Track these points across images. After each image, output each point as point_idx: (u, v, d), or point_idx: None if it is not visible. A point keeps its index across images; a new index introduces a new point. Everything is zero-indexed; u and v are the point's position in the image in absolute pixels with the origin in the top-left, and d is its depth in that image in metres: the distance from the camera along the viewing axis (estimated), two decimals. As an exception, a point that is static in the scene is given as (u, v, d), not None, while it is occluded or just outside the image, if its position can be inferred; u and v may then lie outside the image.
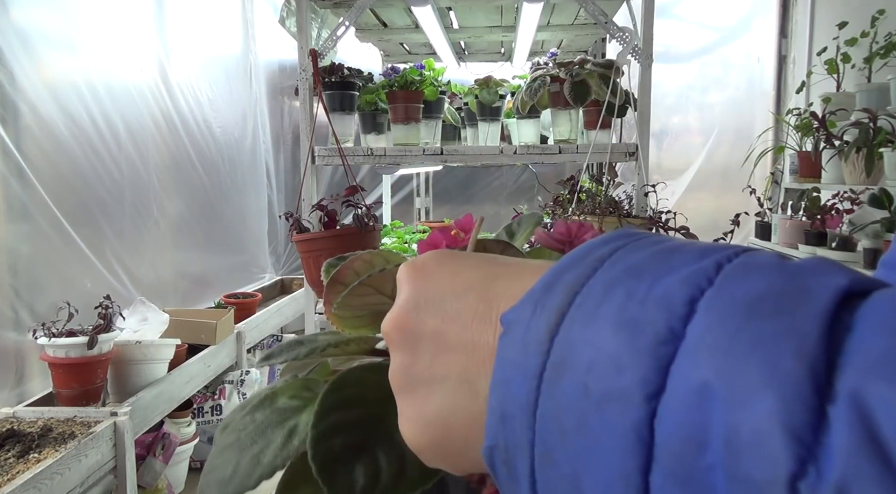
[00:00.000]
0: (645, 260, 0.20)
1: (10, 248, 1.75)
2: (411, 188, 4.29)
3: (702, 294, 0.18)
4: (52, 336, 1.63)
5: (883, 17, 2.41)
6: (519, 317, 0.22)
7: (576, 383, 0.19)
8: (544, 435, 0.19)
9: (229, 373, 2.47)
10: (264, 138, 3.53)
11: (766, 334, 0.16)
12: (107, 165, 2.13)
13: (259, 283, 3.41)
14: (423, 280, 0.27)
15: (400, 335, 0.26)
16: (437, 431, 0.25)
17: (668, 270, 0.19)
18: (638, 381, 0.17)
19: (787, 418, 0.15)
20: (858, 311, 0.16)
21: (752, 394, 0.15)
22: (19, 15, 1.80)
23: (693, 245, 0.21)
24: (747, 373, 0.16)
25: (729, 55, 3.74)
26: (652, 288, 0.19)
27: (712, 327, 0.17)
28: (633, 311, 0.18)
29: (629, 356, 0.18)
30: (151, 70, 2.43)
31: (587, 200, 1.83)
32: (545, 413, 0.19)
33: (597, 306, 0.19)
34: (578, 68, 1.80)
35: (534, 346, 0.20)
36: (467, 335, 0.24)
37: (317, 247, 1.58)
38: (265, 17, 3.45)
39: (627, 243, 0.22)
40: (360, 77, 1.94)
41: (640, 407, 0.17)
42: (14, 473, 1.34)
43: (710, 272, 0.18)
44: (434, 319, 0.25)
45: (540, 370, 0.20)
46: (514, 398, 0.20)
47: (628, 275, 0.20)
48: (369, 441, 0.30)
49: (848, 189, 2.38)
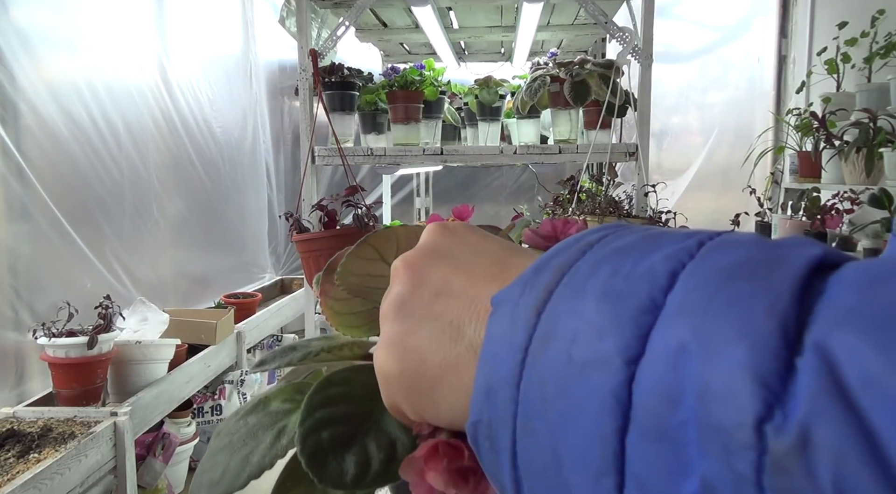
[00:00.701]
0: (633, 242, 0.21)
1: (10, 248, 1.75)
2: (411, 188, 4.29)
3: (683, 267, 0.19)
4: (52, 336, 1.63)
5: (883, 17, 2.41)
6: (508, 296, 0.22)
7: (559, 352, 0.19)
8: (526, 405, 0.20)
9: (229, 373, 2.47)
10: (264, 138, 3.53)
11: (742, 294, 0.17)
12: (107, 165, 2.13)
13: (259, 283, 3.41)
14: (447, 236, 0.28)
15: (408, 270, 0.27)
16: (412, 361, 0.25)
17: (654, 249, 0.20)
18: (619, 347, 0.18)
19: (756, 367, 0.15)
20: (830, 277, 0.17)
21: (724, 347, 0.16)
22: (19, 15, 1.80)
23: (681, 230, 0.21)
24: (721, 329, 0.16)
25: (729, 55, 3.74)
26: (637, 264, 0.19)
27: (691, 292, 0.18)
28: (617, 284, 0.19)
29: (611, 324, 0.18)
30: (151, 70, 2.43)
31: (587, 200, 1.83)
32: (528, 384, 0.20)
33: (583, 282, 0.20)
34: (578, 68, 1.80)
35: (521, 322, 0.21)
36: (473, 288, 0.25)
37: (317, 247, 1.58)
38: (265, 17, 3.45)
39: (616, 231, 0.23)
40: (360, 77, 1.94)
41: (620, 371, 0.18)
42: (14, 473, 1.34)
43: (693, 249, 0.19)
44: (446, 266, 0.27)
45: (525, 343, 0.20)
46: (499, 372, 0.21)
47: (616, 254, 0.21)
48: (358, 433, 0.31)
49: (848, 189, 2.38)
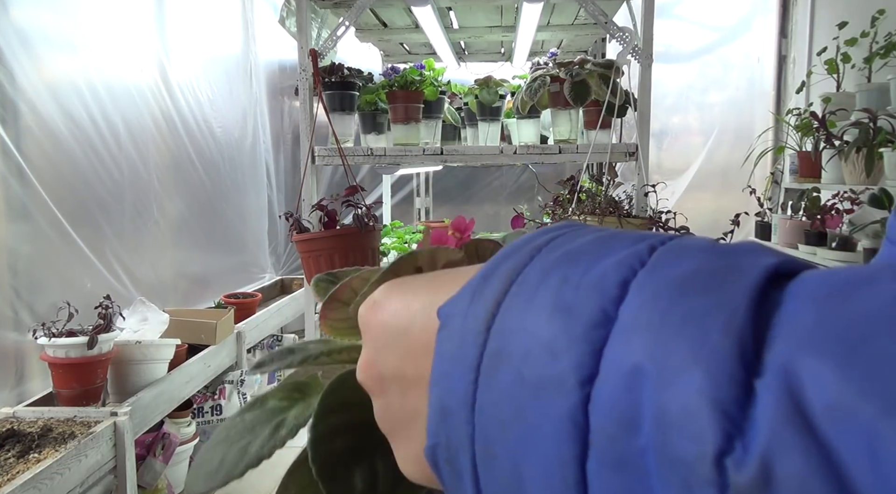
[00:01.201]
0: (582, 246, 0.20)
1: (10, 248, 1.75)
2: (411, 188, 4.29)
3: (634, 275, 0.17)
4: (52, 336, 1.63)
5: (883, 17, 2.41)
6: (456, 309, 0.21)
7: (512, 371, 0.18)
8: (484, 428, 0.19)
9: (229, 373, 2.47)
10: (264, 138, 3.53)
11: (696, 310, 0.16)
12: (107, 165, 2.13)
13: (259, 283, 3.41)
14: (377, 320, 0.26)
15: (370, 380, 0.26)
16: (427, 467, 0.24)
17: (605, 254, 0.19)
18: (572, 366, 0.17)
19: (714, 393, 0.14)
20: (787, 288, 0.16)
21: (680, 371, 0.15)
22: (19, 15, 1.80)
23: (632, 233, 0.20)
24: (676, 350, 0.15)
25: (729, 55, 3.74)
26: (587, 272, 0.18)
27: (644, 306, 0.17)
28: (567, 295, 0.18)
29: (563, 341, 0.17)
30: (151, 70, 2.43)
31: (587, 200, 1.83)
32: (483, 406, 0.19)
33: (533, 292, 0.19)
34: (578, 68, 1.80)
35: (471, 337, 0.20)
36: (422, 370, 0.24)
37: (317, 247, 1.58)
38: (265, 17, 3.45)
39: (567, 232, 0.22)
40: (360, 77, 1.94)
41: (575, 392, 0.17)
42: (14, 473, 1.34)
43: (644, 255, 0.18)
44: (393, 359, 0.25)
45: (477, 361, 0.19)
46: (452, 391, 0.20)
47: (565, 260, 0.19)
48: (368, 446, 0.30)
49: (848, 189, 2.38)
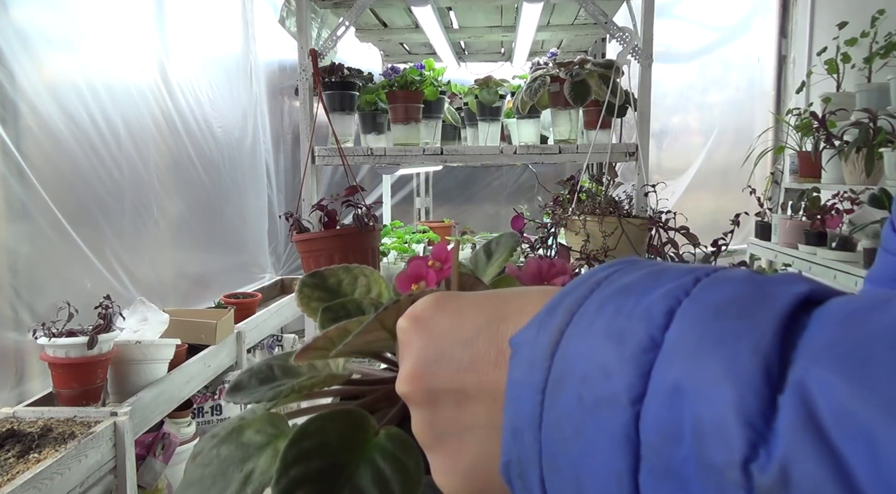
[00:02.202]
0: (636, 280, 0.22)
1: (10, 248, 1.75)
2: (411, 188, 4.29)
3: (679, 305, 0.19)
4: (52, 336, 1.63)
5: (883, 17, 2.41)
6: (525, 338, 0.23)
7: (572, 392, 0.20)
8: (549, 445, 0.21)
9: (229, 373, 2.47)
10: (264, 138, 3.53)
11: (728, 334, 0.17)
12: (107, 165, 2.13)
13: (259, 283, 3.41)
14: (427, 332, 0.27)
15: (418, 393, 0.26)
16: (476, 481, 0.25)
17: (655, 286, 0.21)
18: (624, 387, 0.19)
19: (742, 406, 0.16)
20: (814, 313, 0.18)
21: (712, 387, 0.17)
22: (19, 15, 1.80)
23: (683, 266, 0.22)
24: (710, 369, 0.17)
25: (729, 55, 3.74)
26: (638, 303, 0.20)
27: (684, 332, 0.18)
28: (620, 324, 0.20)
29: (616, 364, 0.19)
30: (151, 70, 2.43)
31: (587, 200, 1.82)
32: (548, 424, 0.21)
33: (591, 322, 0.21)
34: (578, 68, 1.80)
35: (538, 363, 0.22)
36: (485, 384, 0.25)
37: (317, 247, 1.58)
38: (265, 17, 3.45)
39: (624, 267, 0.23)
40: (360, 77, 1.94)
41: (627, 410, 0.18)
42: (14, 473, 1.34)
43: (689, 286, 0.20)
44: (448, 371, 0.26)
45: (543, 384, 0.21)
46: (522, 413, 0.22)
47: (620, 293, 0.21)
48: (335, 490, 0.31)
49: (848, 189, 2.38)
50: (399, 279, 0.35)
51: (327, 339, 0.35)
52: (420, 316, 0.28)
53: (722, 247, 1.53)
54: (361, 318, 0.36)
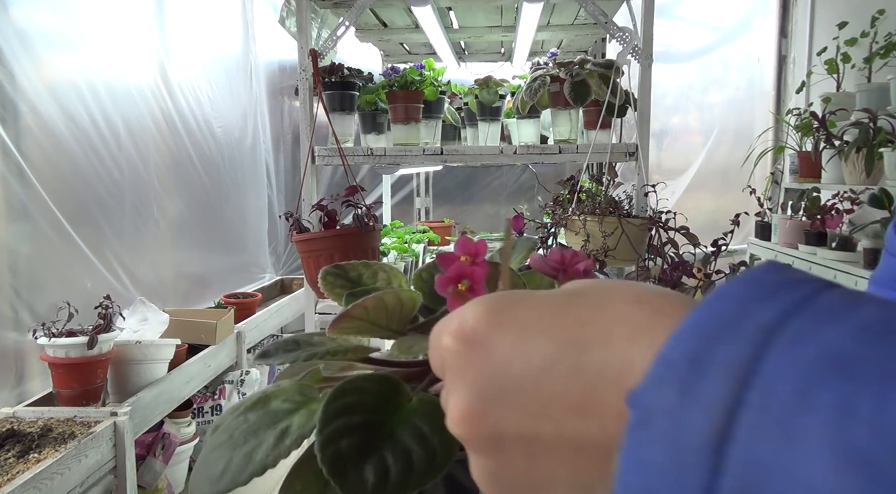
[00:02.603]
0: (850, 346, 0.15)
1: (10, 248, 1.75)
2: (411, 188, 4.29)
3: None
4: (52, 336, 1.63)
5: (883, 17, 2.41)
6: (657, 404, 0.17)
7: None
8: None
9: (229, 373, 2.47)
10: (264, 138, 3.53)
11: None
12: (107, 165, 2.13)
13: (259, 283, 3.41)
14: (484, 358, 0.21)
15: (478, 438, 0.21)
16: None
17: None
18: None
19: None
20: None
21: None
22: (19, 15, 1.80)
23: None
24: None
25: (729, 55, 3.74)
26: (885, 404, 0.13)
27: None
28: (859, 439, 0.13)
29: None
30: (151, 70, 2.43)
31: (587, 200, 1.82)
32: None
33: (790, 415, 0.14)
34: (578, 68, 1.80)
35: (693, 455, 0.16)
36: (568, 433, 0.20)
37: (317, 247, 1.58)
38: (265, 17, 3.45)
39: (801, 305, 0.16)
40: (360, 77, 1.94)
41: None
42: (14, 473, 1.34)
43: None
44: (516, 413, 0.20)
45: (706, 490, 0.15)
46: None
47: (835, 372, 0.14)
48: (374, 443, 0.31)
49: (848, 189, 2.38)
50: (440, 281, 0.32)
51: (363, 308, 0.35)
52: (473, 337, 0.22)
53: (722, 247, 1.53)
54: (395, 291, 0.36)
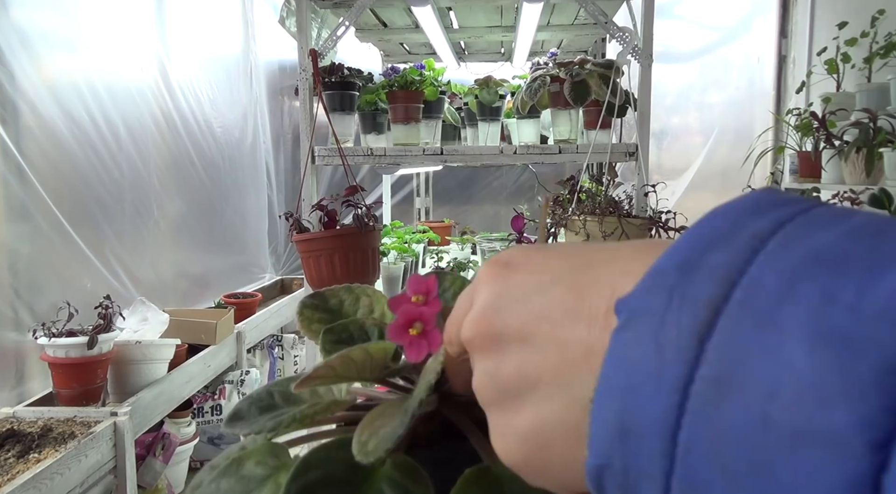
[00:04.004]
0: (838, 244, 0.15)
1: (10, 248, 1.75)
2: (411, 188, 4.29)
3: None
4: (52, 336, 1.63)
5: (883, 17, 2.41)
6: (646, 305, 0.17)
7: (750, 409, 0.14)
8: (692, 468, 0.15)
9: (229, 373, 2.47)
10: (264, 138, 3.53)
11: None
12: (107, 165, 2.13)
13: (259, 283, 3.41)
14: (506, 278, 0.24)
15: (482, 338, 0.24)
16: (533, 446, 0.21)
17: (884, 264, 0.14)
18: (857, 422, 0.13)
19: None
20: None
21: None
22: (19, 15, 1.80)
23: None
24: None
25: (729, 55, 3.74)
26: (865, 291, 0.14)
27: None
28: (839, 321, 0.14)
29: (839, 384, 0.13)
30: (151, 70, 2.43)
31: (587, 200, 1.82)
32: (695, 440, 0.15)
33: (775, 305, 0.15)
34: (578, 68, 1.80)
35: (674, 348, 0.16)
36: (557, 333, 0.21)
37: (317, 247, 1.58)
38: (265, 17, 3.45)
39: (795, 215, 0.17)
40: (360, 77, 1.94)
41: (862, 458, 0.13)
42: (14, 473, 1.34)
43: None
44: (519, 317, 0.22)
45: (685, 382, 0.16)
46: (641, 411, 0.17)
47: (819, 266, 0.15)
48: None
49: (848, 189, 2.38)
50: (391, 330, 0.31)
51: (329, 368, 0.34)
52: (504, 260, 0.25)
53: (722, 247, 1.52)
54: (364, 346, 0.35)
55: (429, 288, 0.32)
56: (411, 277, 0.34)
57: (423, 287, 0.32)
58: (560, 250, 0.24)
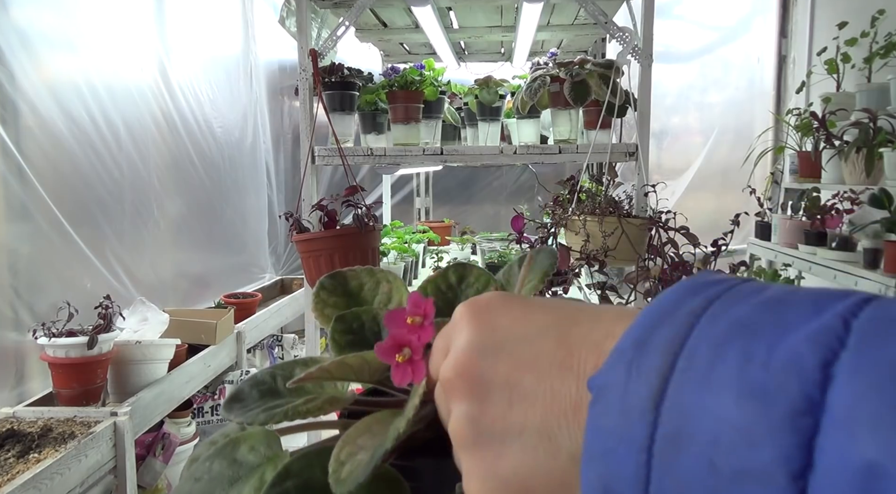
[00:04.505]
0: (752, 315, 0.18)
1: (10, 248, 1.75)
2: (411, 188, 4.29)
3: (836, 357, 0.16)
4: (52, 336, 1.63)
5: (883, 17, 2.41)
6: (611, 380, 0.20)
7: (699, 458, 0.17)
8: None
9: (229, 373, 2.47)
10: (264, 138, 3.53)
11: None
12: (107, 165, 2.13)
13: (259, 283, 3.41)
14: (488, 323, 0.25)
15: (465, 381, 0.24)
16: (514, 491, 0.22)
17: (786, 327, 0.17)
18: (778, 457, 0.16)
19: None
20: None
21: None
22: (19, 15, 1.80)
23: (802, 294, 0.19)
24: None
25: (729, 55, 3.74)
26: (774, 349, 0.17)
27: (865, 397, 0.15)
28: (756, 376, 0.17)
29: (762, 428, 0.16)
30: (151, 70, 2.43)
31: (587, 200, 1.82)
32: (662, 489, 0.18)
33: (708, 369, 0.18)
34: (578, 68, 1.80)
35: (636, 414, 0.19)
36: (546, 383, 0.22)
37: (317, 247, 1.58)
38: (265, 17, 3.45)
39: (721, 294, 0.20)
40: (360, 77, 1.94)
41: (787, 488, 0.15)
42: (14, 473, 1.34)
43: (839, 330, 0.17)
44: (505, 364, 0.23)
45: (648, 441, 0.18)
46: (618, 471, 0.19)
47: (739, 332, 0.18)
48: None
49: (848, 189, 2.38)
50: (379, 349, 0.31)
51: (325, 371, 0.34)
52: (483, 305, 0.26)
53: (722, 247, 1.53)
54: (361, 353, 0.34)
55: (426, 312, 0.32)
56: (413, 295, 0.33)
57: (421, 310, 0.32)
58: (540, 303, 0.26)
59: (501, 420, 0.23)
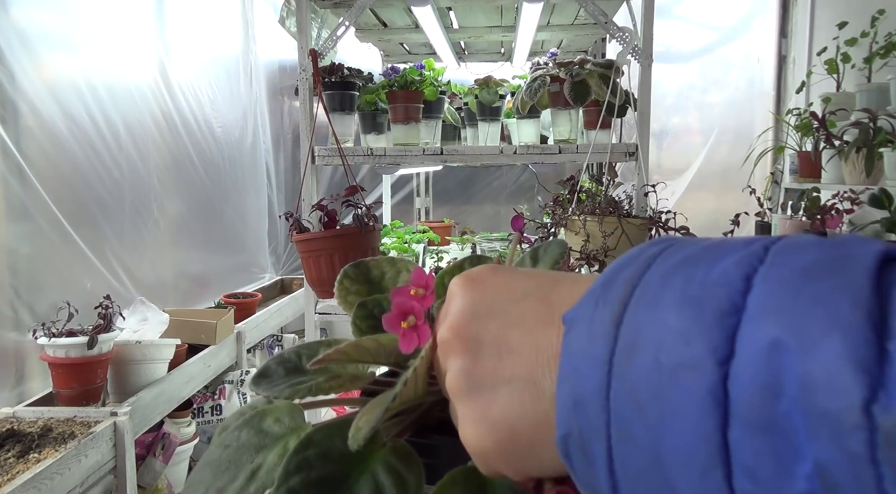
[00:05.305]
0: (696, 253, 0.22)
1: (10, 248, 1.75)
2: (411, 188, 4.29)
3: (755, 271, 0.20)
4: (52, 336, 1.63)
5: (883, 17, 2.41)
6: (581, 313, 0.23)
7: (648, 360, 0.20)
8: (620, 414, 0.21)
9: (229, 373, 2.47)
10: (264, 138, 3.53)
11: (824, 291, 0.18)
12: (107, 165, 2.13)
13: (259, 283, 3.41)
14: (479, 290, 0.28)
15: (459, 340, 0.27)
16: (503, 433, 0.25)
17: (721, 257, 0.21)
18: (708, 350, 0.19)
19: (854, 355, 0.17)
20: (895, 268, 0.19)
21: (819, 341, 0.17)
22: (19, 15, 1.80)
23: (739, 238, 0.23)
24: (813, 325, 0.17)
25: (729, 55, 3.74)
26: (709, 272, 0.21)
27: (773, 293, 0.19)
28: (694, 291, 0.20)
29: (697, 329, 0.19)
30: (151, 70, 2.43)
31: (587, 200, 1.82)
32: (619, 393, 0.21)
33: (657, 292, 0.21)
34: (578, 68, 1.80)
35: (600, 335, 0.22)
36: (531, 337, 0.25)
37: (317, 247, 1.58)
38: (265, 17, 3.45)
39: (675, 243, 0.24)
40: (360, 77, 1.94)
41: (714, 372, 0.19)
42: (14, 473, 1.34)
43: (760, 253, 0.20)
44: (495, 323, 0.26)
45: (608, 356, 0.21)
46: (585, 384, 0.22)
47: (683, 265, 0.22)
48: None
49: (848, 189, 2.38)
50: (387, 320, 0.34)
51: (342, 353, 0.36)
52: (474, 276, 0.29)
53: (722, 247, 1.52)
54: (375, 336, 0.36)
55: (427, 284, 0.35)
56: (414, 270, 0.36)
57: (423, 282, 0.35)
58: (525, 271, 0.29)
59: (492, 372, 0.26)
